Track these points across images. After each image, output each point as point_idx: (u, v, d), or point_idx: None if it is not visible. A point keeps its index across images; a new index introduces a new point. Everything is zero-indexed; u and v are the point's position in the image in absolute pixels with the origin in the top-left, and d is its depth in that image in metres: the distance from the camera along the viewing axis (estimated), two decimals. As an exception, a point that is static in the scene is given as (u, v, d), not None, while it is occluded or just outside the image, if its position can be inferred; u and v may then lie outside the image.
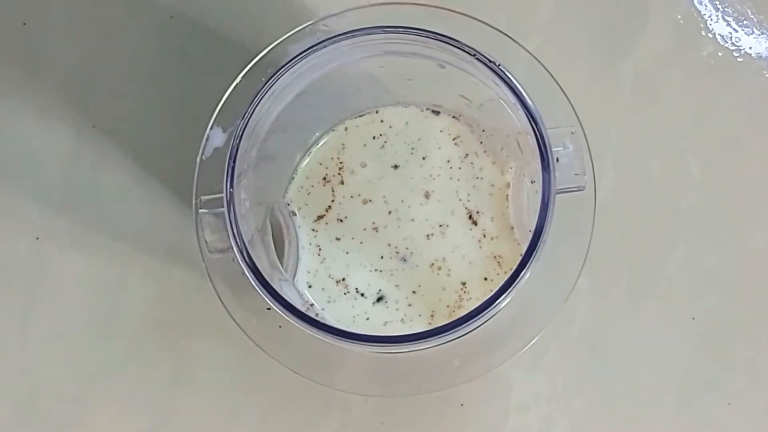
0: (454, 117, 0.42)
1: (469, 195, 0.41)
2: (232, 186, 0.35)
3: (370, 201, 0.42)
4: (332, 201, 0.42)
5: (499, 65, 0.36)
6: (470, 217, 0.41)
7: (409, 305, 0.41)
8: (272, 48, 0.39)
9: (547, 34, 0.47)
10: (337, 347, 0.36)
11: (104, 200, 0.46)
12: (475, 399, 0.44)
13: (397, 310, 0.41)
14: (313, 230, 0.42)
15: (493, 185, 0.42)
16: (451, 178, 0.42)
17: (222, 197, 0.36)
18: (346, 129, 0.43)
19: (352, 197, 0.42)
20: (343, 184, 0.42)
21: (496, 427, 0.44)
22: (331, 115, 0.42)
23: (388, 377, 0.40)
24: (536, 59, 0.39)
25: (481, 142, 0.42)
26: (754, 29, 0.47)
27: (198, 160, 0.38)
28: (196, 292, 0.44)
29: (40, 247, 0.46)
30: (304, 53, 0.36)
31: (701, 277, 0.45)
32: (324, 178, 0.42)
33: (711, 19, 0.47)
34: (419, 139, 0.42)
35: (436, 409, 0.44)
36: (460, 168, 0.42)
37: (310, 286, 0.41)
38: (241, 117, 0.36)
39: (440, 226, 0.41)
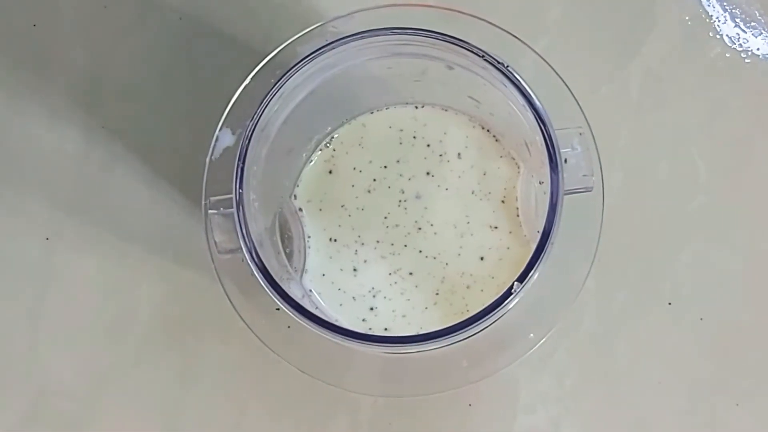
0: (462, 118, 0.42)
1: (476, 194, 0.41)
2: (241, 187, 0.36)
3: (380, 201, 0.42)
4: (341, 201, 0.42)
5: (507, 66, 0.36)
6: (478, 215, 0.41)
7: (418, 304, 0.41)
8: (281, 49, 0.39)
9: (555, 36, 0.47)
10: (346, 347, 0.36)
11: (113, 201, 0.46)
12: (483, 399, 0.44)
13: (406, 309, 0.41)
14: (323, 230, 0.42)
15: (501, 186, 0.42)
16: (459, 177, 0.42)
17: (231, 198, 0.36)
18: (354, 129, 0.43)
19: (360, 197, 0.42)
20: (351, 184, 0.42)
21: (504, 427, 0.44)
22: (339, 116, 0.43)
23: (397, 378, 0.40)
24: (544, 60, 0.39)
25: (490, 143, 0.42)
26: (762, 30, 0.47)
27: (207, 160, 0.38)
28: (205, 293, 0.44)
29: (49, 248, 0.46)
30: (313, 55, 0.36)
31: (709, 278, 0.45)
32: (332, 177, 0.42)
33: (719, 21, 0.47)
34: (426, 139, 0.42)
35: (444, 409, 0.44)
36: (468, 167, 0.42)
37: (318, 286, 0.41)
38: (251, 118, 0.36)
39: (448, 224, 0.41)
